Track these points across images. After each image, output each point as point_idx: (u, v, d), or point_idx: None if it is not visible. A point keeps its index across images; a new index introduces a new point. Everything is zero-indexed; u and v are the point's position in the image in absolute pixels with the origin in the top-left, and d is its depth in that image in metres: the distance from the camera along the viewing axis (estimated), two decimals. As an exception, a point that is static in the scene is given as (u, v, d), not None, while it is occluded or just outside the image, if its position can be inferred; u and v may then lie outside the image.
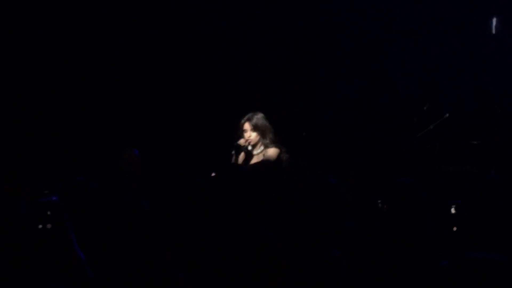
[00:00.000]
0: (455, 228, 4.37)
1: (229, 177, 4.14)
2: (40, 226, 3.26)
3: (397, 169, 9.62)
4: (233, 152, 7.02)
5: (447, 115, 10.28)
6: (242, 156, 7.01)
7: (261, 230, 3.29)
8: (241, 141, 7.01)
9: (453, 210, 4.51)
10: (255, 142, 6.98)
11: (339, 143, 10.68)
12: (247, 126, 6.99)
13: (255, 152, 7.01)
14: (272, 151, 6.91)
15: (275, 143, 6.97)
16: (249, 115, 7.04)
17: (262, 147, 6.99)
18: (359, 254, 4.41)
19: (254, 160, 7.00)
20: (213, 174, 6.51)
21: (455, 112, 10.43)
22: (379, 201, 4.68)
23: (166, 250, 3.84)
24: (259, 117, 7.02)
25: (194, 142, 9.65)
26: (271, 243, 3.21)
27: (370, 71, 11.16)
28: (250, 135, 6.96)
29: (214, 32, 9.87)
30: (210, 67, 9.87)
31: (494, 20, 11.33)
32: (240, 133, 7.04)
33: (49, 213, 3.29)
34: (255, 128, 6.96)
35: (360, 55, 10.75)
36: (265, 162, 6.78)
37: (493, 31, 11.26)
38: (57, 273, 3.27)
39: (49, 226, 3.27)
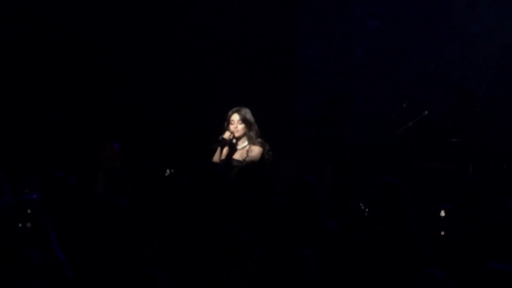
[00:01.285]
0: (443, 233, 4.38)
1: (208, 176, 4.15)
2: (20, 225, 3.24)
3: (376, 167, 9.65)
4: (217, 146, 6.99)
5: (426, 112, 10.33)
6: (226, 150, 6.99)
7: (235, 229, 3.29)
8: (226, 135, 6.99)
9: (442, 214, 4.51)
10: (240, 135, 6.97)
11: (317, 141, 10.73)
12: (235, 117, 6.97)
13: (239, 146, 7.01)
14: (256, 152, 6.91)
15: (259, 138, 6.97)
16: (238, 107, 7.03)
17: (246, 142, 6.99)
18: (337, 254, 4.40)
19: (237, 155, 6.99)
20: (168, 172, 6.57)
21: (434, 109, 10.50)
22: (361, 203, 4.69)
23: (144, 248, 3.85)
24: (247, 111, 7.02)
25: (176, 135, 9.63)
26: (245, 242, 3.21)
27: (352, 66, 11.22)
28: (237, 127, 6.96)
29: (193, 26, 9.84)
30: (189, 60, 9.83)
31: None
32: (226, 125, 7.02)
33: (29, 211, 3.27)
34: (243, 120, 6.95)
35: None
36: (248, 164, 6.76)
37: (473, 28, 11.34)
38: (37, 272, 3.26)
39: (29, 225, 3.26)
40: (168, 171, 6.58)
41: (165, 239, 4.00)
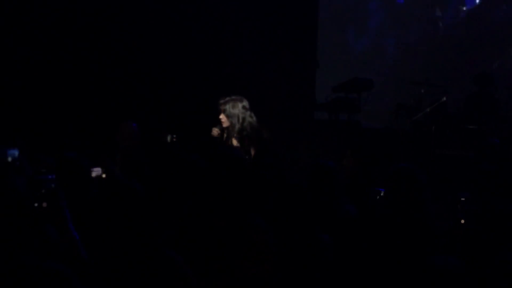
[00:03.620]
0: (463, 221, 4.35)
1: (225, 161, 4.12)
2: (36, 205, 3.24)
3: (393, 152, 9.60)
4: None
5: (444, 98, 10.27)
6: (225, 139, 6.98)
7: (251, 217, 3.28)
8: (214, 132, 6.96)
9: (462, 201, 4.48)
10: (226, 126, 6.92)
11: (334, 124, 10.70)
12: (221, 108, 6.93)
13: (231, 134, 6.94)
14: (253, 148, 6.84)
15: (250, 130, 6.89)
16: (228, 99, 6.96)
17: (237, 134, 6.90)
18: (355, 238, 4.38)
19: (233, 140, 6.95)
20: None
21: (452, 95, 10.44)
22: (379, 189, 4.66)
23: (160, 231, 3.84)
24: (235, 105, 6.93)
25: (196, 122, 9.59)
26: (262, 231, 3.20)
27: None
28: (223, 117, 6.91)
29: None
30: (208, 46, 9.81)
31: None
32: (218, 113, 6.98)
33: (43, 191, 3.27)
34: (227, 115, 6.88)
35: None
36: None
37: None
38: (53, 250, 3.26)
39: (44, 204, 3.25)
40: (169, 137, 6.53)
41: (180, 223, 3.99)
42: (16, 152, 3.96)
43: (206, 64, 9.64)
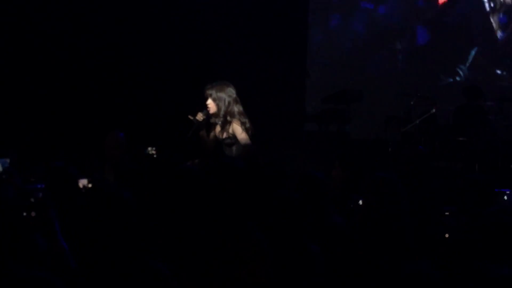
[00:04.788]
0: (447, 235, 4.36)
1: (221, 171, 4.12)
2: (25, 214, 3.24)
3: (382, 164, 9.63)
4: (194, 132, 6.96)
5: (434, 110, 10.32)
6: (207, 130, 6.99)
7: (247, 226, 3.29)
8: (198, 116, 6.95)
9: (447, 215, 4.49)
10: (214, 111, 6.93)
11: (324, 136, 10.72)
12: (208, 93, 6.93)
13: (215, 121, 6.95)
14: (239, 130, 6.83)
15: (236, 115, 6.92)
16: (215, 83, 6.98)
17: (220, 119, 6.91)
18: (343, 249, 4.39)
19: (218, 130, 6.94)
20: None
21: (441, 107, 10.49)
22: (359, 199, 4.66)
23: (149, 241, 3.84)
24: (223, 88, 6.96)
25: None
26: (256, 239, 3.22)
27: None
28: (210, 102, 6.93)
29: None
30: (195, 57, 9.80)
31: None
32: (205, 100, 6.99)
33: (32, 200, 3.27)
34: (214, 99, 6.89)
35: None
36: (245, 149, 6.78)
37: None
38: (42, 259, 3.26)
39: (33, 214, 3.25)
40: (149, 149, 6.54)
41: (172, 233, 3.99)
42: (6, 162, 3.98)
43: (195, 73, 9.65)
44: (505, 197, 7.98)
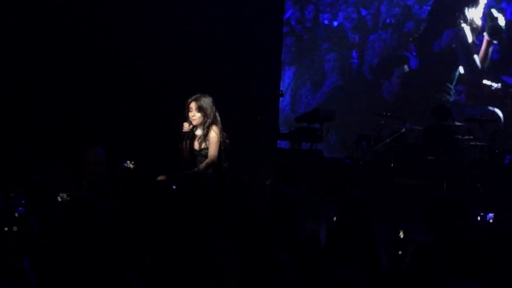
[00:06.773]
0: (400, 252, 4.52)
1: (192, 185, 4.26)
2: (6, 229, 3.33)
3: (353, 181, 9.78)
4: (183, 141, 7.15)
5: (404, 130, 10.52)
6: (188, 141, 7.17)
7: (216, 238, 3.43)
8: (185, 128, 7.15)
9: (401, 235, 4.64)
10: (197, 123, 7.10)
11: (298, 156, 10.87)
12: (192, 105, 7.10)
13: (197, 132, 7.13)
14: (213, 139, 6.99)
15: (218, 122, 7.11)
16: (197, 95, 7.15)
17: (205, 129, 7.09)
18: (312, 262, 4.55)
19: (196, 144, 7.11)
20: (160, 177, 6.69)
21: (411, 127, 10.69)
22: (332, 214, 4.85)
23: (124, 252, 3.96)
24: (206, 100, 7.13)
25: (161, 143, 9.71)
26: (226, 252, 3.35)
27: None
28: (194, 114, 7.08)
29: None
30: (171, 73, 9.93)
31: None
32: (186, 112, 7.16)
33: (16, 215, 3.38)
34: (199, 109, 7.07)
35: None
36: (212, 147, 6.97)
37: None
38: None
39: (15, 228, 3.35)
40: (128, 162, 6.65)
41: (145, 245, 4.10)
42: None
43: (171, 89, 9.76)
44: (478, 218, 8.10)
